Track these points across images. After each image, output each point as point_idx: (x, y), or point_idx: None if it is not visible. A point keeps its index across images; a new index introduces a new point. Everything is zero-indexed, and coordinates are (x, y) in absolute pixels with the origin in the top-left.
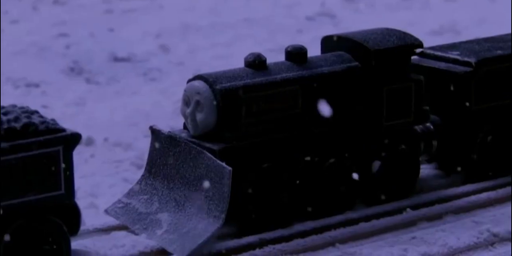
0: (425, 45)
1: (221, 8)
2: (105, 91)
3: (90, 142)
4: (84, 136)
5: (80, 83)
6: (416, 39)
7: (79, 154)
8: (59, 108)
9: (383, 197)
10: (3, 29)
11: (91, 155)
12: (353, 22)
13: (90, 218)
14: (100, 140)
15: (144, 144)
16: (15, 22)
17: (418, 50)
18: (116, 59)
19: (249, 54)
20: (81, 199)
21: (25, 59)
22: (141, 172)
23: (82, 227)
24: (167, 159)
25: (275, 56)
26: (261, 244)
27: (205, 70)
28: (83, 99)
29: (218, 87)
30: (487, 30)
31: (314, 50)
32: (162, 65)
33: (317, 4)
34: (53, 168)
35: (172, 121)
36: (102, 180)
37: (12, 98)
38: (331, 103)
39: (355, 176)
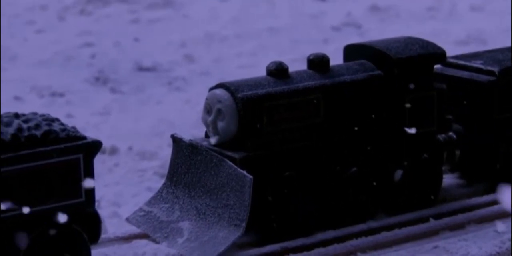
0: (452, 55)
1: (246, 18)
2: (129, 100)
3: (114, 151)
4: (108, 145)
5: (105, 93)
6: (439, 48)
7: (103, 163)
8: (84, 117)
9: (405, 206)
10: (29, 39)
11: (115, 164)
12: (379, 32)
13: (113, 227)
14: (124, 149)
15: (168, 153)
16: (41, 31)
17: None
18: (141, 69)
19: (271, 63)
20: (105, 208)
21: (50, 69)
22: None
23: (103, 236)
24: (189, 167)
25: (299, 66)
26: (283, 252)
27: (229, 79)
28: (108, 109)
29: (239, 95)
30: None
31: (339, 61)
32: (187, 74)
33: (343, 14)
34: (73, 176)
35: (196, 130)
36: (125, 189)
37: (37, 107)
38: (353, 111)
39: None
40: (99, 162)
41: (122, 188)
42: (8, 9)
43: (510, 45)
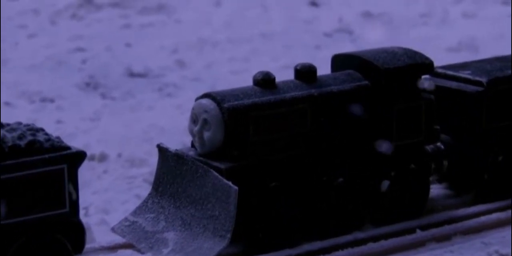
0: (443, 62)
1: (238, 23)
2: (120, 106)
3: (103, 158)
4: (97, 152)
5: (95, 98)
6: (427, 58)
7: (92, 170)
8: (74, 123)
9: (392, 217)
10: (20, 43)
11: (104, 171)
12: (371, 39)
13: (101, 235)
14: (113, 156)
15: None
16: (33, 36)
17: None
18: (132, 74)
19: (258, 73)
20: (93, 216)
21: (41, 73)
22: None
23: (89, 245)
24: (174, 177)
25: (291, 73)
26: None
27: (221, 85)
28: (98, 114)
29: (226, 105)
30: (506, 47)
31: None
32: (178, 80)
33: (335, 20)
34: (57, 186)
35: (187, 137)
36: (114, 196)
37: (27, 113)
38: (340, 122)
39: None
40: (88, 169)
41: (111, 195)
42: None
43: (501, 52)
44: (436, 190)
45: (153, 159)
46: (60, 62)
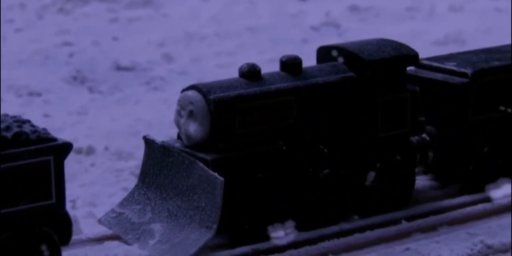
0: (430, 55)
1: (225, 17)
2: (107, 100)
3: (90, 151)
4: (85, 145)
5: (82, 92)
6: (412, 50)
7: (79, 163)
8: (61, 117)
9: (377, 208)
10: (7, 37)
11: (91, 164)
12: (358, 32)
13: (88, 227)
14: (100, 149)
15: None
16: (20, 30)
17: None
18: (119, 68)
19: (244, 64)
20: (80, 209)
21: (28, 68)
22: None
23: (76, 237)
24: (160, 169)
25: (278, 67)
26: (254, 254)
27: (208, 79)
28: (86, 108)
29: (211, 97)
30: (493, 41)
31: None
32: (165, 74)
33: (322, 14)
34: (44, 178)
35: (174, 131)
36: (102, 189)
37: (15, 106)
38: (326, 113)
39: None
40: (75, 162)
41: (98, 188)
42: None
43: (488, 45)
44: (421, 181)
45: (140, 152)
46: (47, 56)
